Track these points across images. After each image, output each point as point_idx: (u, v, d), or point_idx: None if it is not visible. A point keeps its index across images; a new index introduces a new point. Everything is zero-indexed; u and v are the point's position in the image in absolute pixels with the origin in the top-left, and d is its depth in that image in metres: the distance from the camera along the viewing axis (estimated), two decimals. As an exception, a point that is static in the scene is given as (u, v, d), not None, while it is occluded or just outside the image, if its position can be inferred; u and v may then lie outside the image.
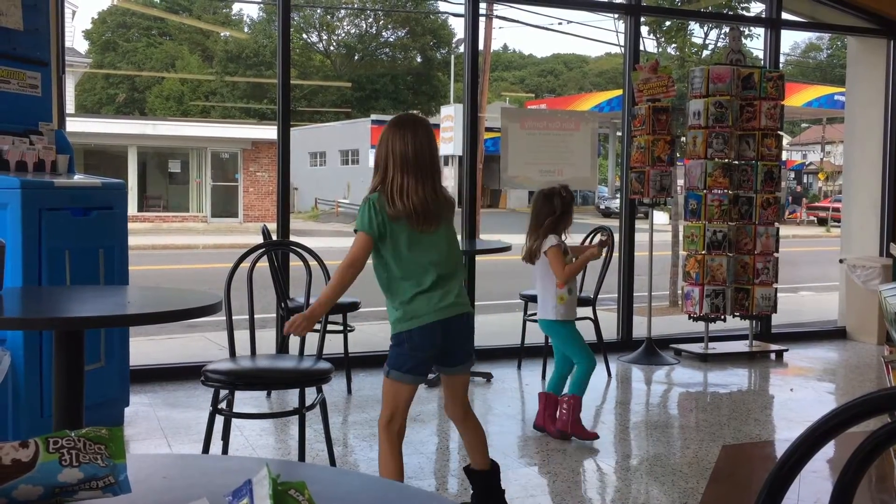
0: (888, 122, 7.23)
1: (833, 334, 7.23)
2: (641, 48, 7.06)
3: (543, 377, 5.48)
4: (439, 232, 2.91)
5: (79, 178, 4.33)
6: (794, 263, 13.26)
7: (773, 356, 6.41)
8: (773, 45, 7.01)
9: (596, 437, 4.18)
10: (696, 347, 6.33)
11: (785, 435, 4.48)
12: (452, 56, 35.30)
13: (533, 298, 5.53)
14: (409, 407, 2.99)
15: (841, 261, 7.28)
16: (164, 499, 1.03)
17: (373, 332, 6.83)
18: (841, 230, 7.89)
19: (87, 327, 2.64)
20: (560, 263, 4.07)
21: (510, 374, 5.63)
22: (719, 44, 10.77)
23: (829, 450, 3.92)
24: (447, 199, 2.95)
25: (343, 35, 42.58)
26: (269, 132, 22.11)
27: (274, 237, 5.14)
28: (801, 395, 5.29)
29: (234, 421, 4.08)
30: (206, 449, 3.20)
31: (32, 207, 3.76)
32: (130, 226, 4.66)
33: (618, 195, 10.20)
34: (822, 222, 28.91)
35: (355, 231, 2.88)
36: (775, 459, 0.98)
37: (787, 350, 6.48)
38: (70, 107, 21.76)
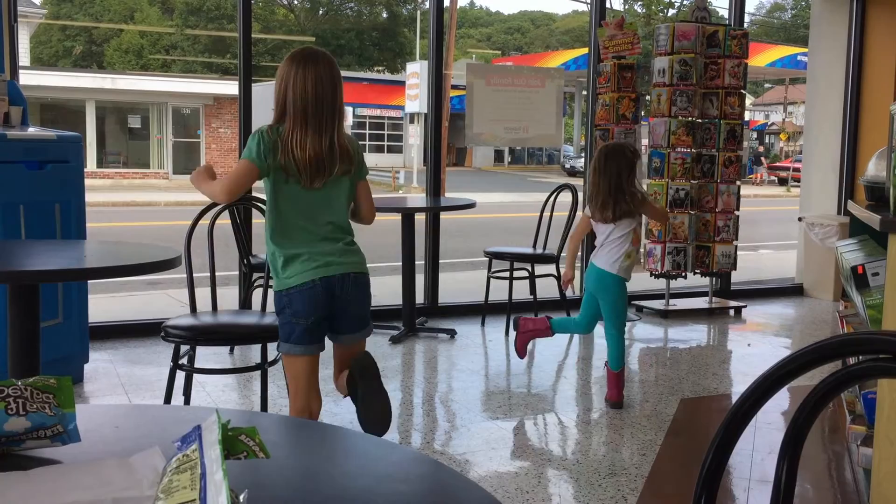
0: (849, 83, 7.29)
1: (791, 291, 7.36)
2: (608, 5, 7.02)
3: (507, 334, 5.52)
4: (327, 187, 2.66)
5: (33, 131, 4.22)
6: (754, 222, 13.44)
7: (731, 312, 6.52)
8: (739, 4, 7.00)
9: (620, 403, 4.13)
10: (658, 304, 6.41)
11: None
12: (418, 12, 34.83)
13: (498, 255, 5.56)
14: (312, 382, 2.79)
15: (800, 219, 7.38)
16: (115, 448, 1.01)
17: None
18: (801, 189, 7.99)
19: (42, 281, 2.60)
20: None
21: (474, 330, 5.66)
22: (685, 1, 10.75)
23: (783, 402, 4.01)
24: (344, 150, 2.66)
25: (307, -12, 41.77)
26: (232, 87, 21.72)
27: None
28: (758, 350, 5.39)
29: (197, 377, 4.06)
30: (167, 404, 3.17)
31: (-16, 160, 3.66)
32: (89, 182, 4.57)
33: (583, 154, 10.21)
34: (782, 182, 29.30)
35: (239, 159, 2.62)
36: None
37: (745, 306, 6.59)
38: (25, 59, 21.14)
